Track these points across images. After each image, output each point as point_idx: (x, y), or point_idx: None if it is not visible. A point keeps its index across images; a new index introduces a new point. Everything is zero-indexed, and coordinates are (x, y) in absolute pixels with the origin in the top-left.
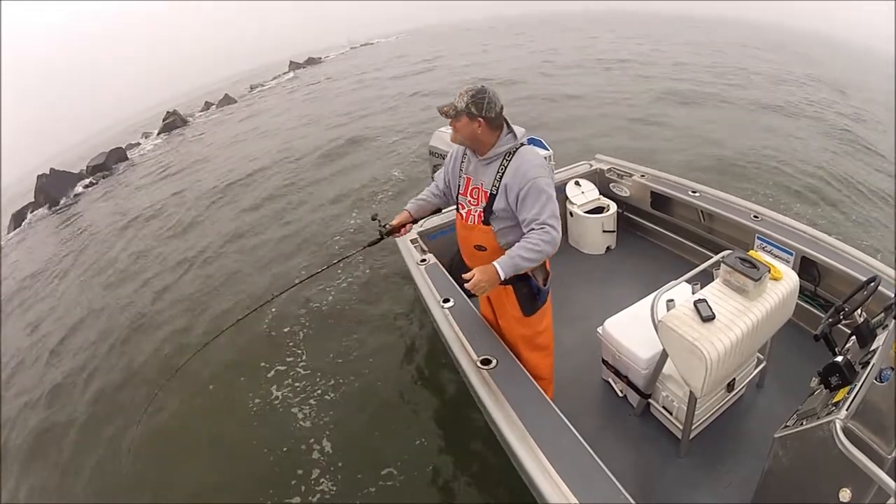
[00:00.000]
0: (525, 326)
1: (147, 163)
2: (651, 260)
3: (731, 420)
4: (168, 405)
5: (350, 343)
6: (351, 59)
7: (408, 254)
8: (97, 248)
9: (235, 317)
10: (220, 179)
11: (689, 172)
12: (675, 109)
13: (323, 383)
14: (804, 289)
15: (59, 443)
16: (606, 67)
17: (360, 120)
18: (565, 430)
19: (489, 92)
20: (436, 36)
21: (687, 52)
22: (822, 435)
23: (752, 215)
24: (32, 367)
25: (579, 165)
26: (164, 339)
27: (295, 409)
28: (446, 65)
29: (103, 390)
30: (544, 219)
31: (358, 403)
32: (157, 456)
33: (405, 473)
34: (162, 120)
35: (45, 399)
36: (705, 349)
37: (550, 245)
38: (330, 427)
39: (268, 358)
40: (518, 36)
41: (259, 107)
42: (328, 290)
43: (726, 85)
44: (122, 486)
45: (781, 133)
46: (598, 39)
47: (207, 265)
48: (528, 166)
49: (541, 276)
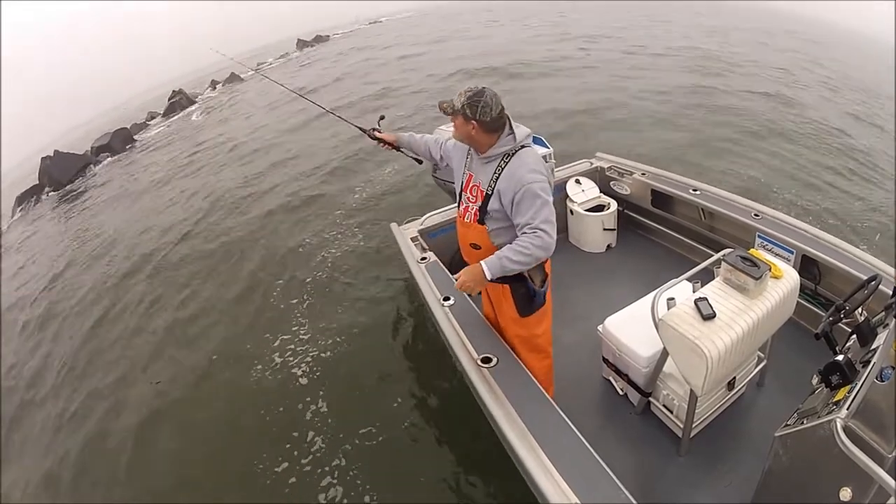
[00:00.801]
0: (521, 327)
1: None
2: (652, 258)
3: (731, 419)
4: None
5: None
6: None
7: (408, 252)
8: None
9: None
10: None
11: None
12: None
13: (322, 344)
14: (805, 287)
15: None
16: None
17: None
18: (565, 428)
19: (486, 95)
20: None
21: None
22: (823, 434)
23: (753, 213)
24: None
25: (580, 163)
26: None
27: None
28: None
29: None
30: (537, 223)
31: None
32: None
33: (405, 474)
34: (167, 99)
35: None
36: (706, 347)
37: (541, 250)
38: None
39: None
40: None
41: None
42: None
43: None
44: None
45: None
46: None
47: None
48: (523, 170)
49: (538, 277)
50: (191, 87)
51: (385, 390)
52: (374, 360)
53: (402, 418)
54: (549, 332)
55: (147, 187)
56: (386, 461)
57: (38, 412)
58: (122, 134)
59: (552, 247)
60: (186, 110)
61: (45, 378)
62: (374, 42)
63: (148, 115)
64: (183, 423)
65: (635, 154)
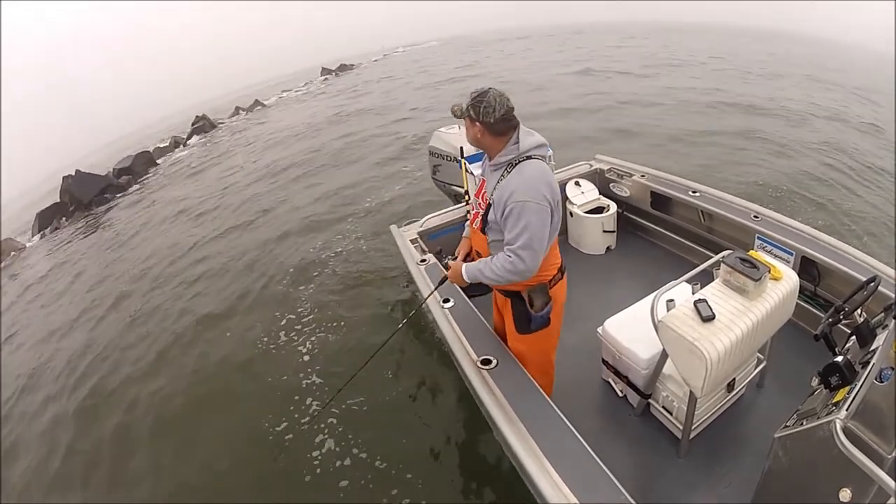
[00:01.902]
0: (519, 342)
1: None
2: (651, 260)
3: (731, 420)
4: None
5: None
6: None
7: (407, 254)
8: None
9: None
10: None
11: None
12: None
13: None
14: (804, 289)
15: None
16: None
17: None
18: (565, 430)
19: (490, 95)
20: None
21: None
22: (823, 435)
23: (753, 215)
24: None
25: (579, 165)
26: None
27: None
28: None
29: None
30: (515, 247)
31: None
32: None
33: (405, 475)
34: (191, 124)
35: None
36: (705, 349)
37: (513, 274)
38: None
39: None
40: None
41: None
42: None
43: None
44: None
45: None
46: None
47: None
48: (519, 186)
49: (538, 301)
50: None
51: (384, 394)
52: (372, 365)
53: (402, 421)
54: (551, 353)
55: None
56: (386, 467)
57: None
58: (144, 157)
59: (528, 273)
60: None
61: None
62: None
63: (172, 139)
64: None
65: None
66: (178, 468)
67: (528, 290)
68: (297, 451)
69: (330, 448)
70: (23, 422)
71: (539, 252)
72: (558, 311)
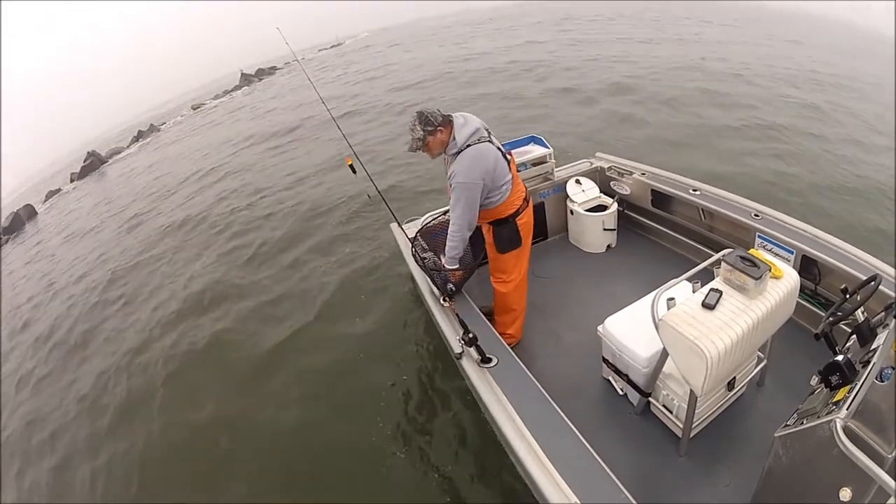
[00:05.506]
0: (499, 268)
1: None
2: (651, 258)
3: (731, 419)
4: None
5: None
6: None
7: (408, 252)
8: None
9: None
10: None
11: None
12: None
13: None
14: (805, 287)
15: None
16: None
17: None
18: (565, 428)
19: (423, 111)
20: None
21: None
22: (823, 434)
23: (753, 214)
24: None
25: (580, 163)
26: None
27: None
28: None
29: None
30: (453, 219)
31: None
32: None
33: (405, 476)
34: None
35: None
36: (706, 347)
37: (455, 241)
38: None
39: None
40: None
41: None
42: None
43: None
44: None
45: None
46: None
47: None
48: (456, 167)
49: (505, 232)
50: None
51: (383, 392)
52: (372, 363)
53: (399, 420)
54: (523, 278)
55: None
56: (386, 467)
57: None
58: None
59: (460, 241)
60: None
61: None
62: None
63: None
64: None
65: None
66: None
67: (493, 224)
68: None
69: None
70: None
71: (467, 223)
72: (527, 232)
